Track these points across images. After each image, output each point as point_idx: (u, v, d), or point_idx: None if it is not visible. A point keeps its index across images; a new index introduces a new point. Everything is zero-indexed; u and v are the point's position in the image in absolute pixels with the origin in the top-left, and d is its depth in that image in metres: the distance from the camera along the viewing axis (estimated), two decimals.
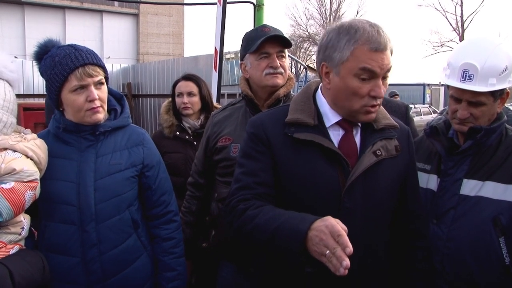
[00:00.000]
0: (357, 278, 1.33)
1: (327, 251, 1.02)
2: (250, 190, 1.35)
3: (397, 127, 1.45)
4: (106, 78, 1.66)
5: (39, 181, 1.51)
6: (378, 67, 1.26)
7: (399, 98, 11.01)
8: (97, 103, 1.58)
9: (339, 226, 1.05)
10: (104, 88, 1.63)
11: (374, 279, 1.39)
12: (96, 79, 1.58)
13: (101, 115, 1.62)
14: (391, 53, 1.30)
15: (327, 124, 1.38)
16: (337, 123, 1.38)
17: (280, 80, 1.92)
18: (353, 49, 1.26)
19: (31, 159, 1.49)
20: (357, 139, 1.40)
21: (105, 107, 1.65)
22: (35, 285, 1.42)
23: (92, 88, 1.57)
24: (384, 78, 1.29)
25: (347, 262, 0.98)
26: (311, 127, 1.35)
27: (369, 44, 1.24)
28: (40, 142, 1.57)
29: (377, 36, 1.25)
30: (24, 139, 1.51)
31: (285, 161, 1.36)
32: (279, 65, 1.91)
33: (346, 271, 0.98)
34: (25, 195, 1.43)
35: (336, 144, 1.36)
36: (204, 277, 2.25)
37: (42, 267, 1.47)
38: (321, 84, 1.45)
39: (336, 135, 1.38)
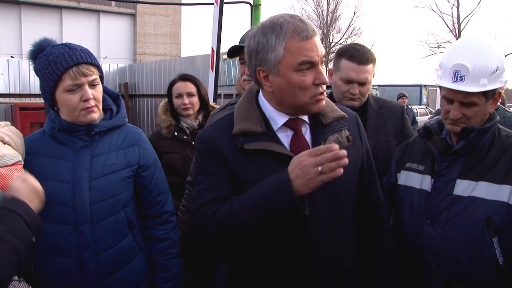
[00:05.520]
0: (329, 271, 1.36)
1: (319, 167, 1.12)
2: (211, 205, 1.32)
3: (345, 117, 1.41)
4: (101, 77, 1.66)
5: (23, 163, 1.48)
6: (315, 55, 1.24)
7: (407, 100, 10.97)
8: (92, 102, 1.57)
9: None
10: (99, 87, 1.63)
11: (345, 272, 1.41)
12: (91, 78, 1.57)
13: (96, 115, 1.61)
14: (321, 40, 1.28)
15: (275, 128, 1.36)
16: (284, 124, 1.36)
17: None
18: (285, 44, 1.23)
19: (8, 145, 1.47)
20: (308, 137, 1.38)
21: (100, 106, 1.65)
22: None
23: (87, 87, 1.56)
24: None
25: (343, 152, 1.10)
26: (260, 135, 1.32)
27: (298, 34, 1.23)
28: (14, 129, 1.56)
29: (302, 24, 1.24)
30: None
31: (241, 172, 1.33)
32: None
33: (346, 160, 1.09)
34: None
35: (287, 146, 1.34)
36: (199, 275, 2.25)
37: None
38: None
39: (285, 137, 1.36)
